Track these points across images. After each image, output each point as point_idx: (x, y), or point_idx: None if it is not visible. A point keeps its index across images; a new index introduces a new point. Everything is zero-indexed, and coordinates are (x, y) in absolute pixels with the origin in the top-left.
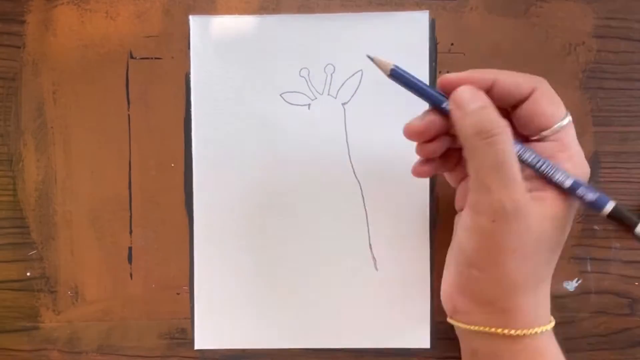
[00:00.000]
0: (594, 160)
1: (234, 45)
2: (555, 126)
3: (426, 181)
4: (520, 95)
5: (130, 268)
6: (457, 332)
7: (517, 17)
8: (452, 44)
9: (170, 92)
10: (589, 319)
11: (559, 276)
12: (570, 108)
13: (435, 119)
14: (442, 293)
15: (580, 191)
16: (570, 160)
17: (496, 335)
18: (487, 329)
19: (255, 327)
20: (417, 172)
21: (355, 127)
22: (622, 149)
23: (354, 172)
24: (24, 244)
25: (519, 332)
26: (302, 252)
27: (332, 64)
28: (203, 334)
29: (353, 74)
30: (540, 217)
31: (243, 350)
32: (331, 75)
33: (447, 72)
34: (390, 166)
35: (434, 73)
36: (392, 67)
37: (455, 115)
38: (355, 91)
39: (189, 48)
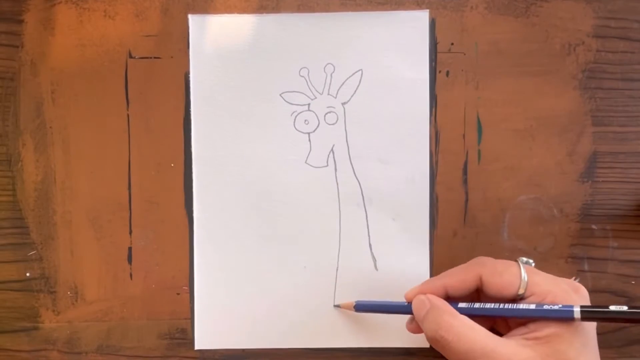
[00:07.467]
0: (591, 160)
1: (233, 44)
2: (520, 290)
3: (426, 181)
4: (471, 286)
5: (130, 268)
6: None
7: (517, 17)
8: (452, 44)
9: (170, 91)
10: None
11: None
12: (569, 108)
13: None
14: None
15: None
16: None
17: None
18: None
19: (255, 327)
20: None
21: (355, 127)
22: (620, 149)
23: (354, 172)
24: (24, 245)
25: None
26: (302, 251)
27: (331, 64)
28: (203, 334)
29: (353, 74)
30: (526, 356)
31: (243, 350)
32: (331, 74)
33: (447, 72)
34: (390, 166)
35: (433, 73)
36: (354, 303)
37: (419, 323)
38: (355, 91)
39: (188, 47)
